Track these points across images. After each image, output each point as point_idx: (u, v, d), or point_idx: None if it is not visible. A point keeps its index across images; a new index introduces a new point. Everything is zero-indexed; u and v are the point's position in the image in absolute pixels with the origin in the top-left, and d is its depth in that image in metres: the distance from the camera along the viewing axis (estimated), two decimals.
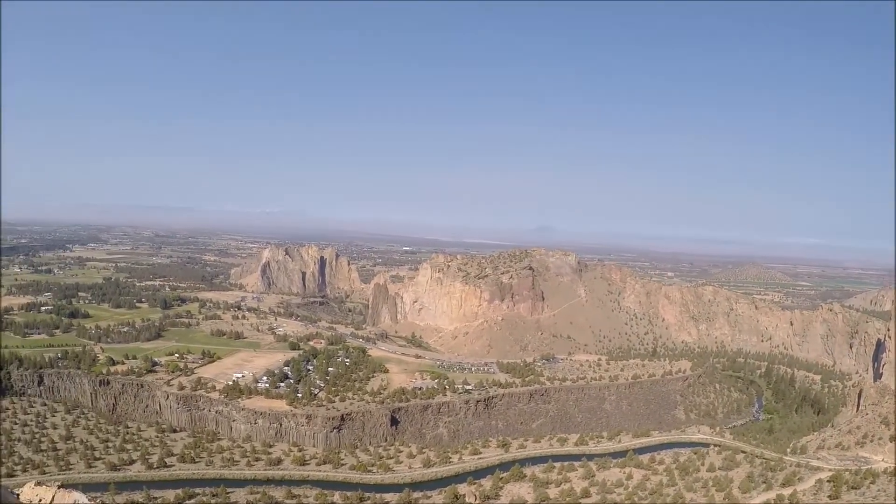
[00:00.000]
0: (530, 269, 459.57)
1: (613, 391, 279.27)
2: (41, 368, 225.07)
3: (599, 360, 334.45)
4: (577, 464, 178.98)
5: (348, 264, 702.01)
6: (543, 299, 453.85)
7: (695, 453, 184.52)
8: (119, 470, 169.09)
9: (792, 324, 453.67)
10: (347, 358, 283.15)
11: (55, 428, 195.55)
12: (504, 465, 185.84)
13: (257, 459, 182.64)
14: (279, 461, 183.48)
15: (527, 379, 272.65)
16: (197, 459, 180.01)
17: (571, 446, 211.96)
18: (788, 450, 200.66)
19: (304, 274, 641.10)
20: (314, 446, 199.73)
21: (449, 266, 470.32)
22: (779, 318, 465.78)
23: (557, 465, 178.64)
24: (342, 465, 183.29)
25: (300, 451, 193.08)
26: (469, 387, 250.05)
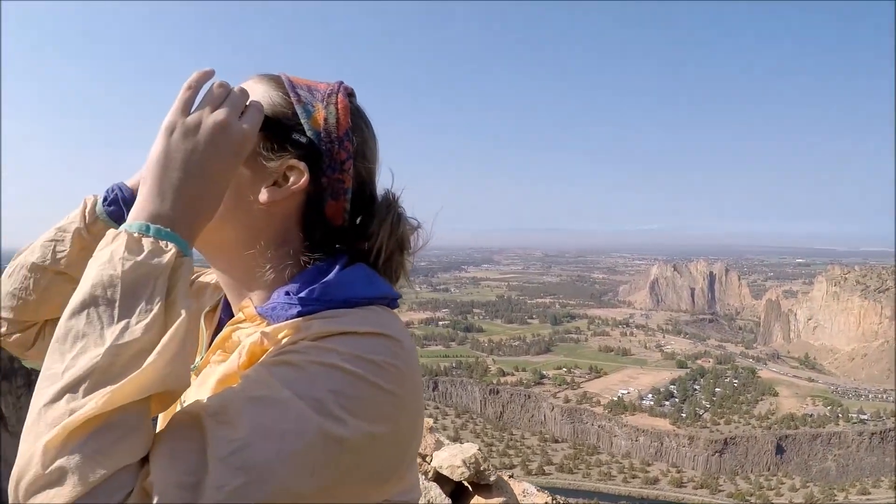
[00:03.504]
0: None
1: None
2: (436, 376, 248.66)
3: None
4: None
5: (738, 279, 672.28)
6: None
7: None
8: (499, 472, 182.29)
9: None
10: (736, 379, 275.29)
11: (444, 429, 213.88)
12: None
13: (634, 476, 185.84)
14: (656, 480, 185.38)
15: None
16: (574, 470, 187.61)
17: None
18: None
19: (692, 290, 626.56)
20: (693, 469, 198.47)
21: (846, 279, 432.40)
22: None
23: None
24: (720, 491, 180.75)
25: (678, 472, 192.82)
26: (864, 416, 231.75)
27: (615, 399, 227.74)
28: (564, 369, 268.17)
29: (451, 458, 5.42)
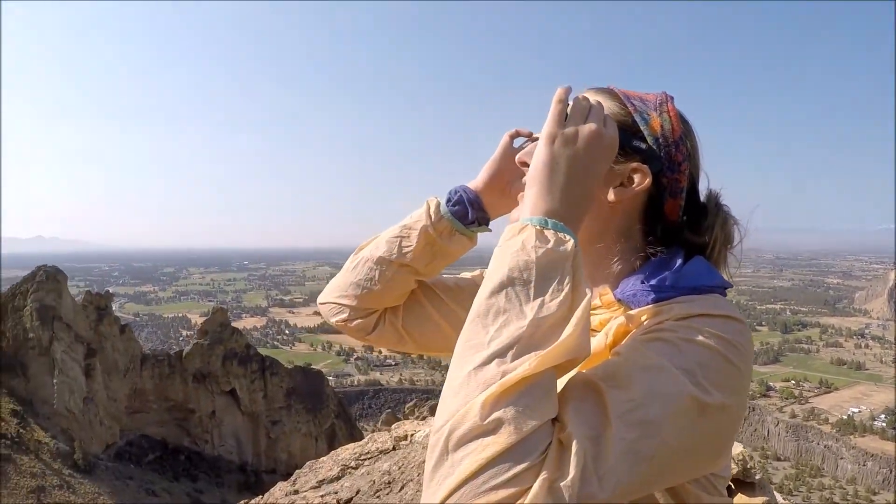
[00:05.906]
0: None
1: None
2: None
3: None
4: None
5: None
6: None
7: None
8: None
9: None
10: None
11: None
12: None
13: None
14: None
15: None
16: (795, 492, 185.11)
17: None
18: None
19: None
20: None
21: None
22: None
23: None
24: None
25: None
26: None
27: (845, 418, 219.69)
28: (793, 382, 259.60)
29: None
